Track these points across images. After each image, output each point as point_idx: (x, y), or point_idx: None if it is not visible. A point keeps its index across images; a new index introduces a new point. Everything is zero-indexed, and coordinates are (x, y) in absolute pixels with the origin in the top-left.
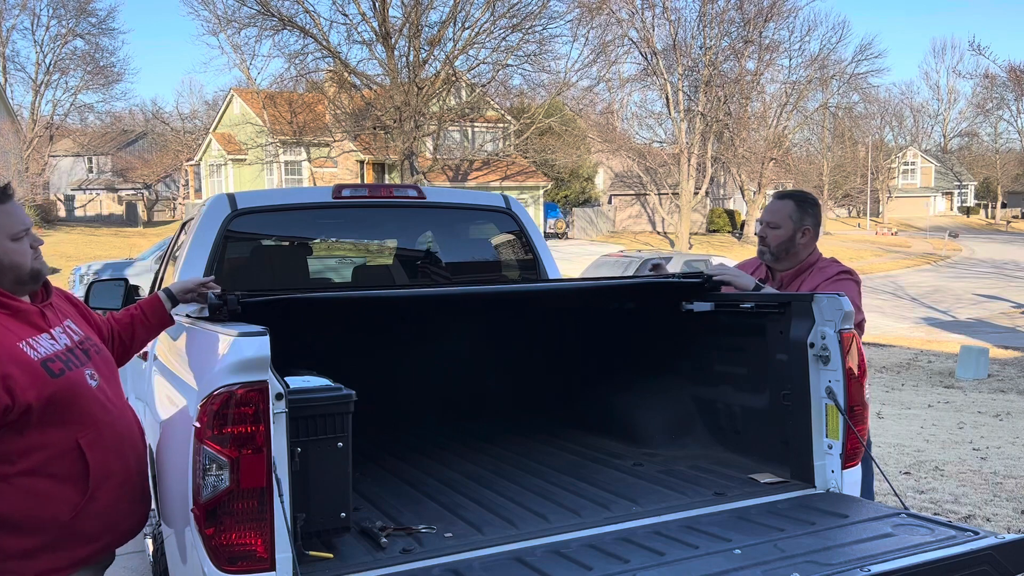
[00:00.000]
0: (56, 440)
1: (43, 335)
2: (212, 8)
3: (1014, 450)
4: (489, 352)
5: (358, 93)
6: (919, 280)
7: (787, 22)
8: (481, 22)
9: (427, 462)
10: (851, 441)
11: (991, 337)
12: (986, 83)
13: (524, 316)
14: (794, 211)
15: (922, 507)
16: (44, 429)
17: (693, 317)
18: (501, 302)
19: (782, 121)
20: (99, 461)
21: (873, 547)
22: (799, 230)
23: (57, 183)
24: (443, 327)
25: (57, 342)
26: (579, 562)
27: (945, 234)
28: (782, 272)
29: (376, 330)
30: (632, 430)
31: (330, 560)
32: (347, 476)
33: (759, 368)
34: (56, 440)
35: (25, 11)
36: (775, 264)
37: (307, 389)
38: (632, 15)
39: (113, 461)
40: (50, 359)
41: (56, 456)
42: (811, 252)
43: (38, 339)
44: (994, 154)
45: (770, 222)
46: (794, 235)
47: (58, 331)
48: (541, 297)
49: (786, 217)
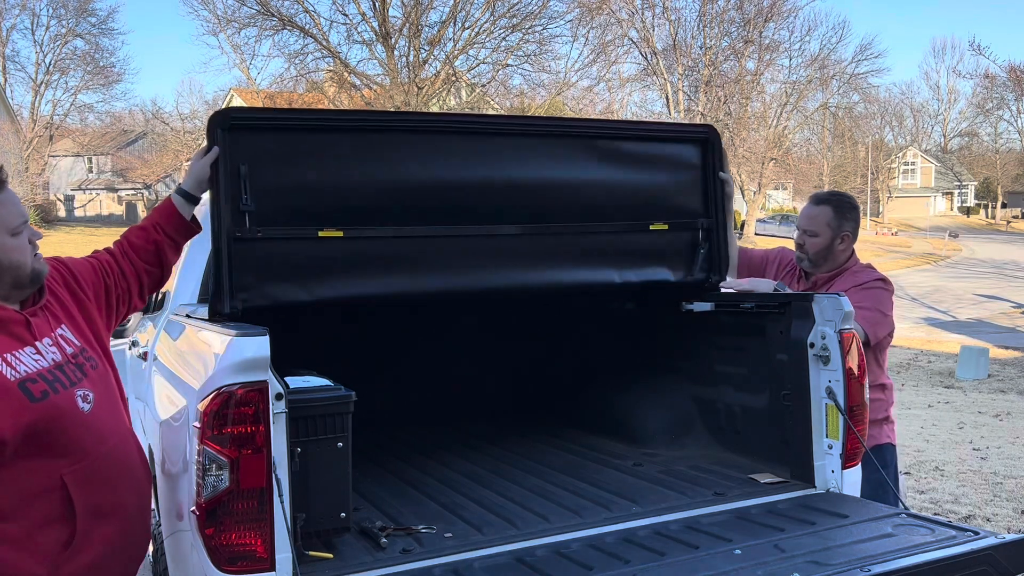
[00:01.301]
0: (35, 477)
1: (27, 348)
2: (212, 8)
3: (1014, 450)
4: (489, 352)
5: (358, 93)
6: (919, 280)
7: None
8: (481, 22)
9: (427, 462)
10: (851, 441)
11: (991, 337)
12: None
13: (524, 316)
14: (832, 218)
15: (922, 507)
16: (20, 464)
17: (693, 317)
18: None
19: (782, 121)
20: (88, 501)
21: (873, 547)
22: (838, 236)
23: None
24: (443, 327)
25: (43, 357)
26: (579, 562)
27: (945, 234)
28: (818, 274)
29: (376, 329)
30: (632, 430)
31: (330, 560)
32: (347, 476)
33: (759, 368)
34: (35, 477)
35: (25, 11)
36: (812, 270)
37: (307, 389)
38: (632, 15)
39: (106, 501)
40: (31, 379)
41: (33, 496)
42: (849, 256)
43: (19, 354)
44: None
45: (807, 230)
46: (832, 242)
47: (46, 343)
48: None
49: (824, 225)
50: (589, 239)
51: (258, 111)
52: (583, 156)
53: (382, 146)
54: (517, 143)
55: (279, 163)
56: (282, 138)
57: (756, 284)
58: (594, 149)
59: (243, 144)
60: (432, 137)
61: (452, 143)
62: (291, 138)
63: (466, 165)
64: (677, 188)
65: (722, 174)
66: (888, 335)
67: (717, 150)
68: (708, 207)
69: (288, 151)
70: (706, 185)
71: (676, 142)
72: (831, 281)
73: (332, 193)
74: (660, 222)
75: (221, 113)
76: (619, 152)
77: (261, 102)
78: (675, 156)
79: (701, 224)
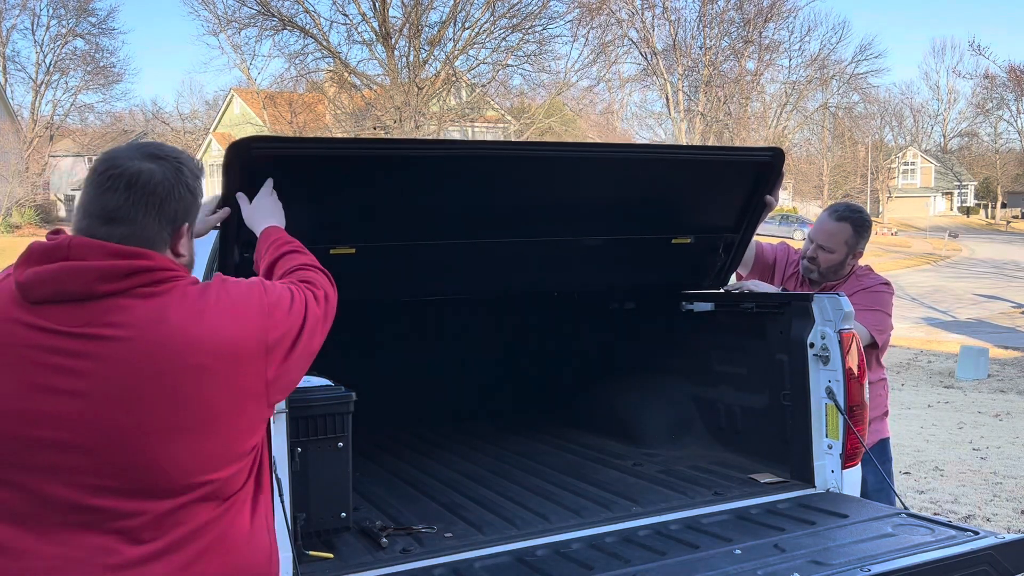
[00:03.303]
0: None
1: None
2: (212, 8)
3: (1014, 450)
4: (490, 352)
5: (358, 93)
6: (919, 280)
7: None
8: (481, 22)
9: (427, 462)
10: (851, 441)
11: (991, 337)
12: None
13: (525, 317)
14: (851, 236)
15: (922, 507)
16: None
17: (693, 317)
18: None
19: (782, 121)
20: None
21: (873, 547)
22: (852, 253)
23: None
24: (444, 328)
25: None
26: (580, 562)
27: (945, 234)
28: (824, 284)
29: (377, 329)
30: (632, 430)
31: (330, 560)
32: (347, 476)
33: (759, 368)
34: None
35: (25, 11)
36: (820, 280)
37: (307, 389)
38: (632, 15)
39: None
40: None
41: None
42: (855, 266)
43: None
44: (994, 154)
45: (824, 246)
46: (846, 259)
47: None
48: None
49: (842, 243)
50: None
51: (275, 141)
52: (616, 177)
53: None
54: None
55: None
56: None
57: (759, 287)
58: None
59: (259, 177)
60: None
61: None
62: (306, 167)
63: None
64: (718, 204)
65: (768, 197)
66: (889, 335)
67: (775, 173)
68: (740, 223)
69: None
70: (748, 203)
71: (738, 164)
72: (836, 287)
73: (343, 215)
74: (685, 236)
75: (241, 146)
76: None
77: (261, 102)
78: (731, 177)
79: (729, 238)
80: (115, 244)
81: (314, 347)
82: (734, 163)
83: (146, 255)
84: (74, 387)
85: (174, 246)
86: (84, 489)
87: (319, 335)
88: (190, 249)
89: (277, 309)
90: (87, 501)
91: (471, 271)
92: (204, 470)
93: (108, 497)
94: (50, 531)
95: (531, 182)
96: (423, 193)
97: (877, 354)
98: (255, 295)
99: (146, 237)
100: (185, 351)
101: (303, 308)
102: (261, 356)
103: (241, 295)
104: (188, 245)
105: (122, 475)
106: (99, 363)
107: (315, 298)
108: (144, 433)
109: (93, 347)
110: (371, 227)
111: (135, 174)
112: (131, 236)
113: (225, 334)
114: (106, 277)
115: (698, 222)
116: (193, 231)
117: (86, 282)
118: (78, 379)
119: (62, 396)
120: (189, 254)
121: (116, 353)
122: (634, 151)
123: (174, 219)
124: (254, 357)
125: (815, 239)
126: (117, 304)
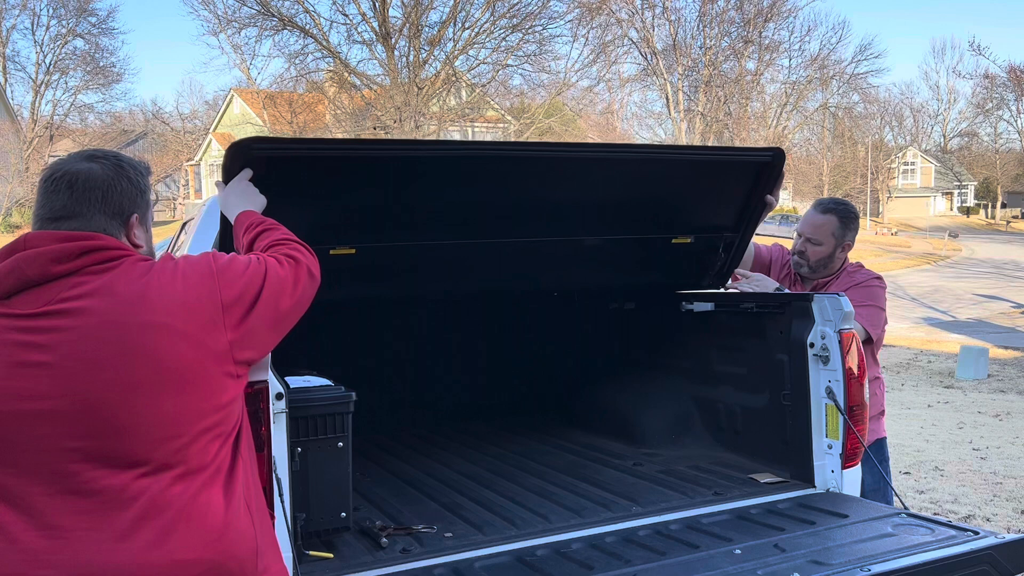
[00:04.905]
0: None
1: None
2: (212, 8)
3: (1014, 450)
4: (490, 352)
5: (358, 93)
6: (919, 280)
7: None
8: (481, 22)
9: (427, 462)
10: (851, 441)
11: (991, 337)
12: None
13: (525, 317)
14: (837, 228)
15: (922, 507)
16: None
17: (693, 317)
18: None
19: (782, 121)
20: None
21: (873, 547)
22: (840, 246)
23: None
24: (444, 328)
25: None
26: (580, 562)
27: (945, 234)
28: (816, 280)
29: (377, 329)
30: (632, 430)
31: (330, 560)
32: (347, 476)
33: (759, 368)
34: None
35: (25, 11)
36: (810, 275)
37: (307, 389)
38: (632, 15)
39: None
40: None
41: None
42: (844, 260)
43: None
44: (994, 154)
45: (812, 238)
46: (834, 251)
47: None
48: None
49: (829, 235)
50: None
51: (277, 143)
52: (610, 176)
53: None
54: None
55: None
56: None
57: (762, 281)
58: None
59: (259, 177)
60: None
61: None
62: (306, 167)
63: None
64: (718, 204)
65: (769, 197)
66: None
67: (776, 173)
68: (739, 223)
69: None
70: (748, 203)
71: (739, 164)
72: (828, 283)
73: (343, 215)
74: (686, 235)
75: (241, 147)
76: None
77: (261, 102)
78: (732, 177)
79: (729, 238)
80: (65, 231)
81: (283, 308)
82: (734, 163)
83: (96, 236)
84: (42, 359)
85: (129, 236)
86: (66, 454)
87: (287, 296)
88: (147, 240)
89: (229, 270)
90: (70, 467)
91: (471, 271)
92: (168, 430)
93: (89, 464)
94: (37, 507)
95: (531, 182)
96: (423, 193)
97: (872, 350)
98: (204, 260)
99: (96, 228)
100: (137, 311)
101: (262, 269)
102: (217, 313)
103: (190, 262)
104: (144, 236)
105: (98, 438)
106: (62, 334)
107: (279, 262)
108: (111, 393)
109: (55, 322)
110: (371, 227)
111: (75, 174)
112: (81, 229)
113: (173, 293)
114: (59, 259)
115: (698, 222)
116: (147, 223)
117: (41, 265)
118: (44, 352)
119: (33, 369)
120: (147, 244)
121: (75, 323)
122: (634, 151)
123: (120, 211)
124: (209, 313)
125: (803, 233)
126: (72, 282)
